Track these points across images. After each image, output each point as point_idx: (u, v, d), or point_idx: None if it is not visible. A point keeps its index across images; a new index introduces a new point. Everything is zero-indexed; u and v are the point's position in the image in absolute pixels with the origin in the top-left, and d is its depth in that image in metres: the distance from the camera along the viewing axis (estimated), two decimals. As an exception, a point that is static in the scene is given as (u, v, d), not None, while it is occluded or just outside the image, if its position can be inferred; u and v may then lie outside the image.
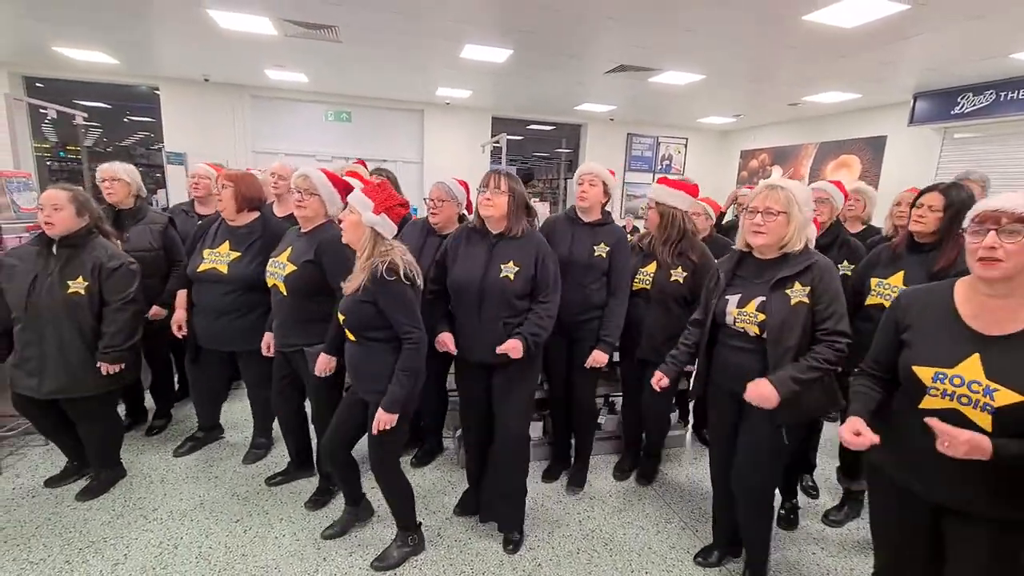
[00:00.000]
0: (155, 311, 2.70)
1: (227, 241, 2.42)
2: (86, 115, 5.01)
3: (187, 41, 5.35)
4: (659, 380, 2.00)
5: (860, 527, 2.41)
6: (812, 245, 1.79)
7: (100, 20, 4.73)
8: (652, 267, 2.39)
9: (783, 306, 1.66)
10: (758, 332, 1.70)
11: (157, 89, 7.25)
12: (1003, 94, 5.27)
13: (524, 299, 2.05)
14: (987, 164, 5.53)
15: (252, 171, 4.03)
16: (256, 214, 2.49)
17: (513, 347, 1.96)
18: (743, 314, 1.73)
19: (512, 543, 2.18)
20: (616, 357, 2.60)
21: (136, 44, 5.53)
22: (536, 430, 2.84)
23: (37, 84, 7.19)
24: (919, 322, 1.34)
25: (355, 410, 1.97)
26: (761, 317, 1.69)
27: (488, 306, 2.02)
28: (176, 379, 3.29)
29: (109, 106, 9.32)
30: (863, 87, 5.93)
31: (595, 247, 2.32)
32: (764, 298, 1.69)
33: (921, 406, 1.28)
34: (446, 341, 2.09)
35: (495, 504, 2.25)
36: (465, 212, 2.57)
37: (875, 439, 1.30)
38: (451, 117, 8.39)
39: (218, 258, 2.40)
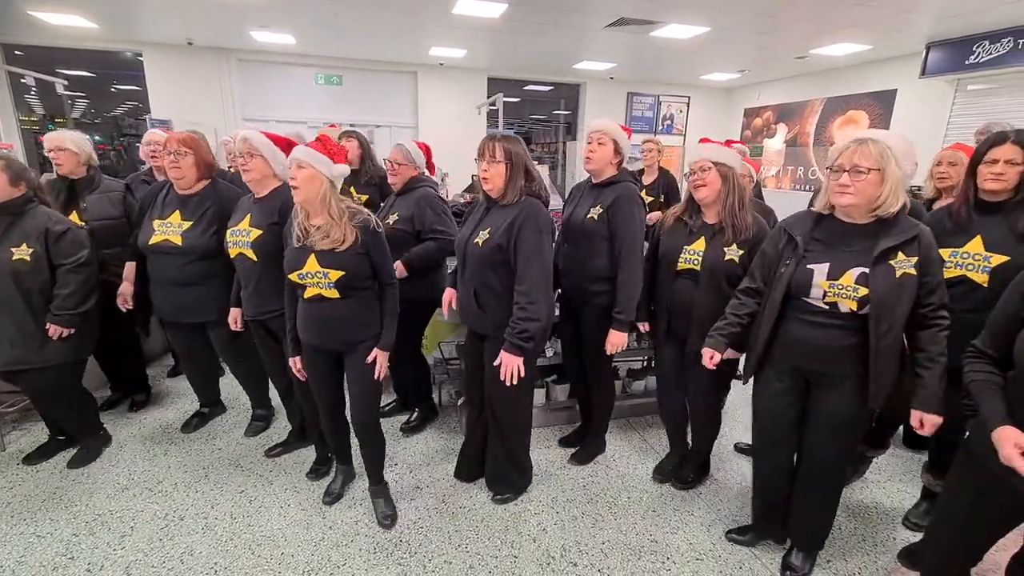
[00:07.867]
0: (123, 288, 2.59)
1: (177, 211, 2.32)
2: (66, 83, 4.83)
3: (167, 0, 5.10)
4: (711, 358, 1.79)
5: (864, 487, 2.42)
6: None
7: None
8: (700, 244, 2.02)
9: (888, 279, 1.49)
10: (855, 308, 1.53)
11: (140, 55, 6.99)
12: (1022, 41, 5.04)
13: (497, 273, 1.91)
14: (999, 118, 5.30)
15: (226, 139, 3.88)
16: (207, 181, 2.38)
17: (506, 365, 1.88)
18: (837, 287, 1.53)
19: (499, 496, 2.26)
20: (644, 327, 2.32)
21: (114, 5, 5.27)
22: (540, 397, 2.82)
23: (16, 52, 6.93)
24: None
25: (329, 372, 2.02)
26: (863, 291, 1.50)
27: (466, 272, 2.01)
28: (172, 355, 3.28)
29: (94, 75, 9.00)
30: (876, 38, 5.68)
31: (592, 209, 2.19)
32: (865, 270, 1.51)
33: None
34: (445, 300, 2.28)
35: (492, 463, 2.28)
36: (426, 171, 2.61)
37: None
38: (446, 79, 8.12)
39: (169, 229, 2.29)
